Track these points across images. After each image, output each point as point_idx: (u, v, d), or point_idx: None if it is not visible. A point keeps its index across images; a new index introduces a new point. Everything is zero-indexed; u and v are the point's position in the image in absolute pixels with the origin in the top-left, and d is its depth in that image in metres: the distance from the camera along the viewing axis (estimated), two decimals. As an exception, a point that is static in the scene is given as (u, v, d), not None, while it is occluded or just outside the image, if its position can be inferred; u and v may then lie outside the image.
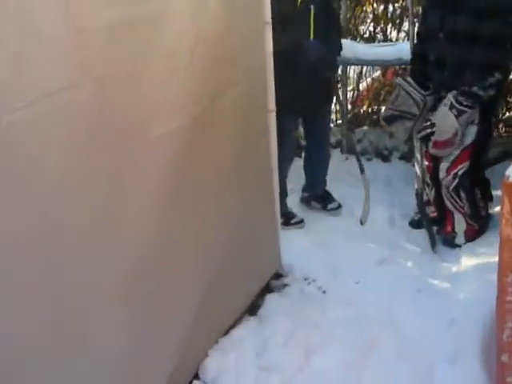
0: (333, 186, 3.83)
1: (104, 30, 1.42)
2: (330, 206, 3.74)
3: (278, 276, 3.03)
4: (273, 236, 2.97)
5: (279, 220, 3.01)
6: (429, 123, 3.06)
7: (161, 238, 1.91)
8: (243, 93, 2.42)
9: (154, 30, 1.65)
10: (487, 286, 2.60)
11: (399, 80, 3.36)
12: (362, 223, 3.43)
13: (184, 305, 2.15)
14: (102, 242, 1.58)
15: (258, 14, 2.56)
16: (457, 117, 2.95)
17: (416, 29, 3.49)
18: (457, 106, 2.95)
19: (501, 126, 4.35)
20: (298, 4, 3.32)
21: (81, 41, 1.37)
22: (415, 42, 3.41)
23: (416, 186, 3.37)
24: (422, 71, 3.25)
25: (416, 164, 3.37)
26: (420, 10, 3.83)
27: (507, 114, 4.36)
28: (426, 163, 3.36)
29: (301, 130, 3.98)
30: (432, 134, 3.04)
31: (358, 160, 3.50)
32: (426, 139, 3.11)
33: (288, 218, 3.58)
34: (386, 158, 4.42)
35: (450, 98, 3.00)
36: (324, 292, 2.90)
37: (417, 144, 3.31)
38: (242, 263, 2.60)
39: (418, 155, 3.35)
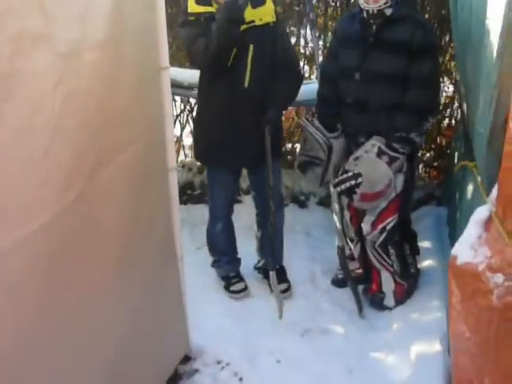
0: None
1: None
2: (280, 287, 2.98)
3: (187, 359, 2.57)
4: (179, 313, 2.51)
5: (185, 295, 2.53)
6: (351, 174, 2.69)
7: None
8: (138, 152, 1.98)
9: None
10: (423, 363, 2.32)
11: (303, 121, 2.99)
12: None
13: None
14: None
15: (152, 60, 2.13)
16: (389, 164, 2.64)
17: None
18: (389, 152, 2.63)
19: (421, 166, 4.12)
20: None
21: None
22: (320, 83, 2.99)
23: (337, 242, 3.00)
24: (329, 114, 2.88)
25: (334, 216, 2.97)
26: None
27: (427, 155, 4.13)
28: (349, 216, 3.01)
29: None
30: (357, 185, 2.69)
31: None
32: (348, 192, 2.75)
33: (228, 284, 3.13)
34: (302, 204, 4.03)
35: (375, 143, 2.66)
36: (241, 379, 2.47)
37: (334, 195, 2.92)
38: (142, 351, 2.15)
39: (336, 206, 2.95)
